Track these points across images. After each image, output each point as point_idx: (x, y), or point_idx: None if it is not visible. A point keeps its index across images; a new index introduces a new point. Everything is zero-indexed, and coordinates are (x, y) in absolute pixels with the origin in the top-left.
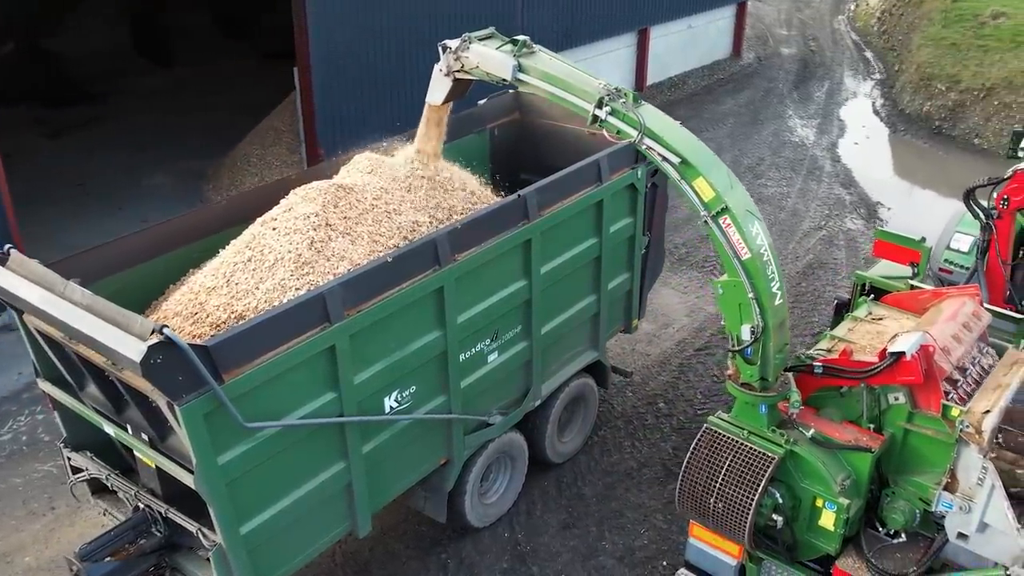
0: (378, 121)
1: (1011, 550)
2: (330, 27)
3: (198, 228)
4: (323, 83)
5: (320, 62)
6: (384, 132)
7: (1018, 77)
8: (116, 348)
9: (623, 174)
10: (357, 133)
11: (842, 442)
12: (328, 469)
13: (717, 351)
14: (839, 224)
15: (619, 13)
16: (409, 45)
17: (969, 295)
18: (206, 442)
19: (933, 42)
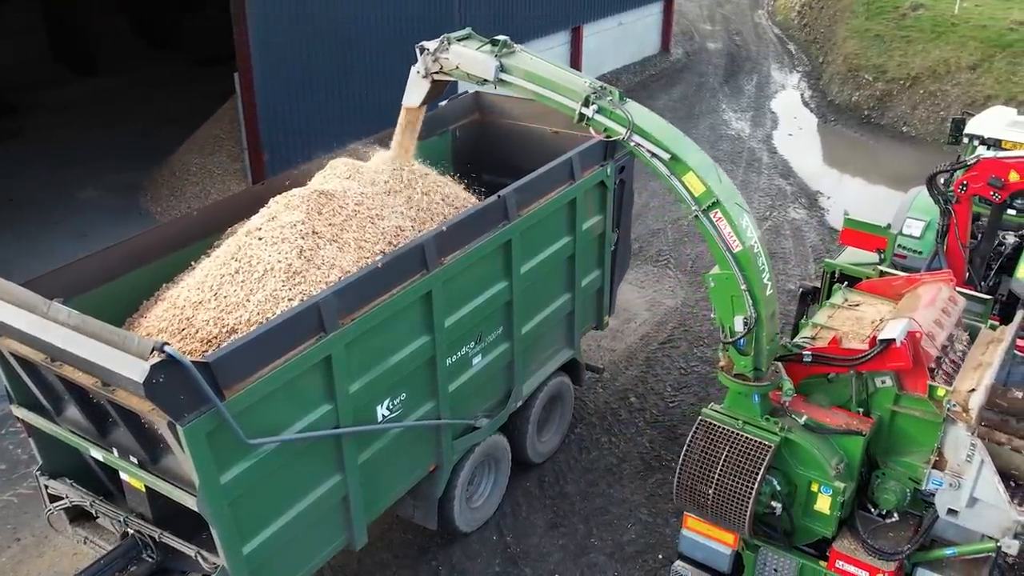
0: (323, 123)
1: (1000, 523)
2: (269, 31)
3: (166, 242)
4: (265, 88)
5: (261, 67)
6: (330, 134)
7: (941, 66)
8: (115, 369)
9: (593, 172)
10: (302, 137)
11: (834, 427)
12: (326, 482)
13: (681, 344)
14: (783, 214)
15: (553, 11)
16: (349, 45)
17: (943, 281)
18: (209, 462)
19: (858, 34)
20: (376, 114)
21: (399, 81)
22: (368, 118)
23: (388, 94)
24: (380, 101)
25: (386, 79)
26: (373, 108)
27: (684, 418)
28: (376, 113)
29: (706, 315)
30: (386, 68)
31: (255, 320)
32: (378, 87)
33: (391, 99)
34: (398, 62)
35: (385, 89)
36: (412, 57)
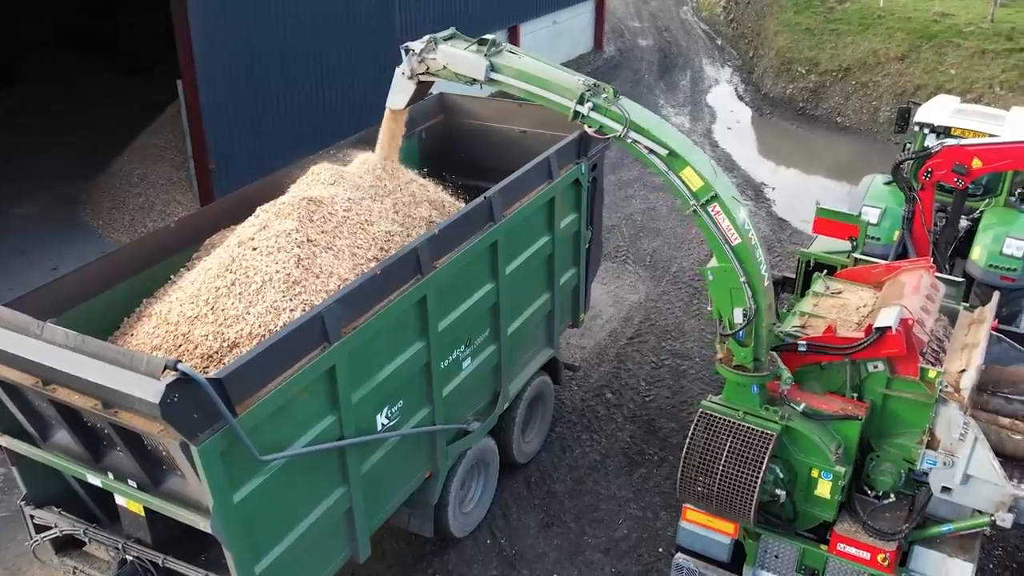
0: (270, 129)
1: (993, 498)
2: (213, 37)
3: (142, 258)
4: (210, 95)
5: (206, 73)
6: (278, 140)
7: (871, 58)
8: (126, 390)
9: (569, 170)
10: (250, 144)
11: (831, 413)
12: (331, 495)
13: (649, 338)
14: None
15: (490, 11)
16: (292, 48)
17: (924, 268)
18: (223, 481)
19: (788, 28)
20: (322, 117)
21: (344, 83)
22: (315, 121)
23: (334, 96)
24: (326, 103)
25: (331, 81)
26: (319, 111)
27: (661, 412)
28: (322, 116)
29: (669, 309)
30: (330, 70)
31: (257, 333)
32: (323, 89)
33: (337, 101)
34: (342, 64)
35: (330, 91)
36: (356, 58)
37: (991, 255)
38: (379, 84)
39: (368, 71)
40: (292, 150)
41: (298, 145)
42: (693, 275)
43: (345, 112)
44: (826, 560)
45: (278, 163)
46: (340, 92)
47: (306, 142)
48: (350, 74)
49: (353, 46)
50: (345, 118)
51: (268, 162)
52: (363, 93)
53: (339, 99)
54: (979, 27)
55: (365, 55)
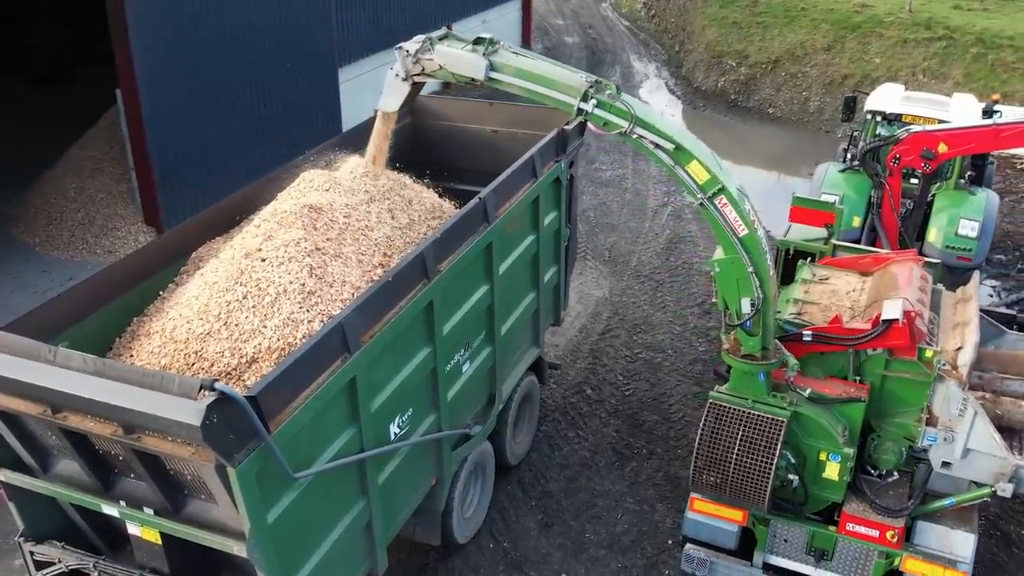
0: (214, 136)
1: (993, 469)
2: (152, 44)
3: (128, 276)
4: (152, 103)
5: (147, 81)
6: (222, 146)
7: (798, 49)
8: (160, 413)
9: (551, 168)
10: (194, 152)
11: (835, 396)
12: (352, 509)
13: (620, 333)
14: (681, 199)
15: (424, 11)
16: (232, 53)
17: (912, 260)
18: (258, 502)
19: (716, 22)
20: (264, 121)
21: (284, 86)
22: (256, 125)
23: (274, 100)
24: (267, 107)
25: (271, 85)
26: (260, 115)
27: (643, 405)
28: (264, 120)
29: (635, 303)
30: (270, 73)
31: (276, 347)
32: (264, 93)
33: (278, 105)
34: (281, 67)
35: (271, 95)
36: (295, 62)
37: (947, 236)
38: (318, 86)
39: (307, 74)
40: (234, 157)
41: (240, 152)
42: (653, 269)
43: (286, 115)
44: (835, 540)
45: (222, 172)
46: (281, 95)
47: (248, 148)
48: (290, 77)
49: (291, 49)
50: (287, 121)
51: (212, 171)
52: (304, 96)
53: (280, 102)
54: (898, 17)
55: (304, 58)
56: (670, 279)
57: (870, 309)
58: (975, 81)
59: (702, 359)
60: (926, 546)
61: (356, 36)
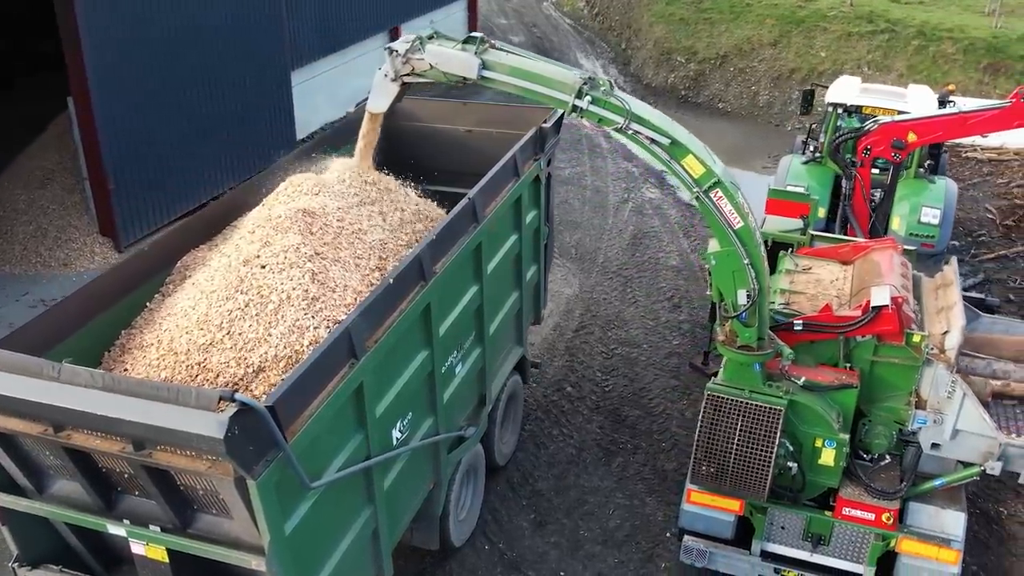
0: (168, 143)
1: (980, 449)
2: (105, 51)
3: (118, 287)
4: (106, 111)
5: (100, 88)
6: (176, 153)
7: (745, 44)
8: (178, 427)
9: (531, 167)
10: (149, 160)
11: (828, 384)
12: (360, 517)
13: (594, 329)
14: (640, 195)
15: (373, 13)
16: (184, 58)
17: (891, 247)
18: (277, 515)
19: (663, 19)
20: (217, 127)
21: (235, 91)
22: (209, 131)
23: (226, 105)
24: (220, 113)
25: (222, 90)
26: (213, 120)
27: (623, 400)
28: (216, 125)
29: (606, 299)
30: (220, 78)
31: (283, 355)
32: (215, 98)
33: (230, 110)
34: (232, 72)
35: (222, 100)
36: (246, 66)
37: (910, 224)
38: (271, 90)
39: (261, 77)
40: (190, 163)
41: (196, 157)
42: (620, 265)
43: (241, 120)
44: (832, 525)
45: (178, 178)
46: (235, 99)
47: (204, 153)
48: (243, 81)
49: (244, 53)
50: (241, 126)
51: (168, 178)
52: (258, 99)
53: (234, 107)
54: (840, 11)
55: (257, 61)
56: (638, 275)
57: (857, 297)
58: (918, 73)
59: (677, 353)
60: (919, 526)
61: (307, 39)
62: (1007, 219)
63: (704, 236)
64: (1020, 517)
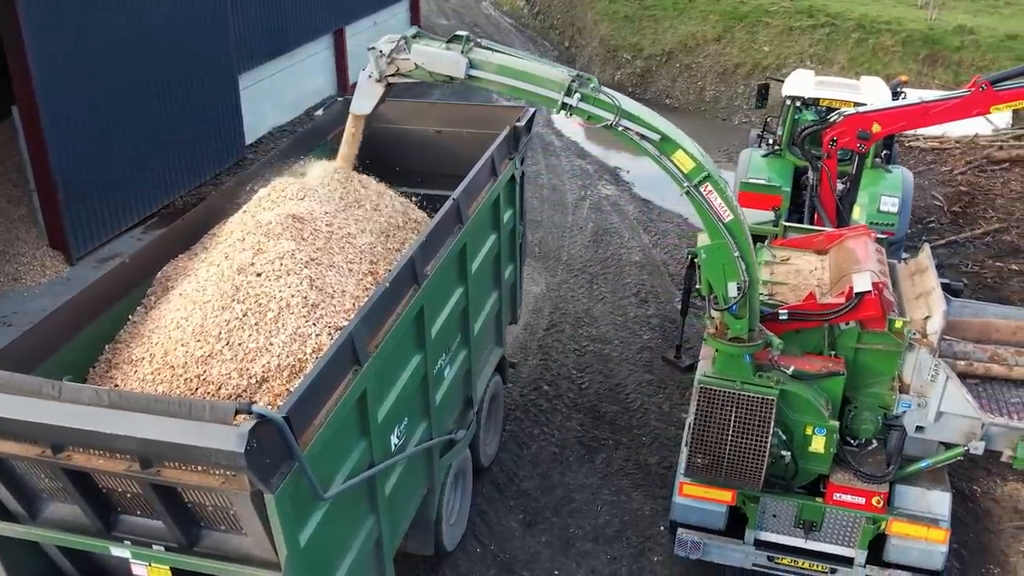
0: (117, 151)
1: (963, 429)
2: (51, 58)
3: (101, 300)
4: (53, 120)
5: (48, 98)
6: (126, 161)
7: (690, 40)
8: (198, 443)
9: (507, 167)
10: (99, 170)
11: (815, 372)
12: (365, 526)
13: (564, 327)
14: (597, 192)
15: (319, 15)
16: (132, 63)
17: (864, 235)
18: (293, 528)
19: (608, 17)
20: (167, 131)
21: (183, 94)
22: (159, 136)
23: (175, 108)
24: (168, 117)
25: (170, 93)
26: (162, 125)
27: (600, 397)
28: (167, 130)
29: (574, 296)
30: (169, 82)
31: (286, 364)
32: (164, 102)
33: (178, 114)
34: (180, 75)
35: (170, 103)
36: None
37: (870, 213)
38: (219, 94)
39: (208, 82)
40: (139, 171)
41: (145, 164)
42: (585, 262)
43: (189, 125)
44: (823, 511)
45: (128, 186)
46: (183, 104)
47: (153, 160)
48: (191, 85)
49: (192, 57)
50: (190, 131)
51: (117, 187)
52: (206, 104)
53: (183, 112)
54: (781, 6)
55: (204, 65)
56: (603, 271)
57: (838, 284)
58: (859, 65)
59: (649, 347)
60: (907, 508)
61: (253, 42)
62: (954, 206)
63: (663, 231)
64: (993, 494)
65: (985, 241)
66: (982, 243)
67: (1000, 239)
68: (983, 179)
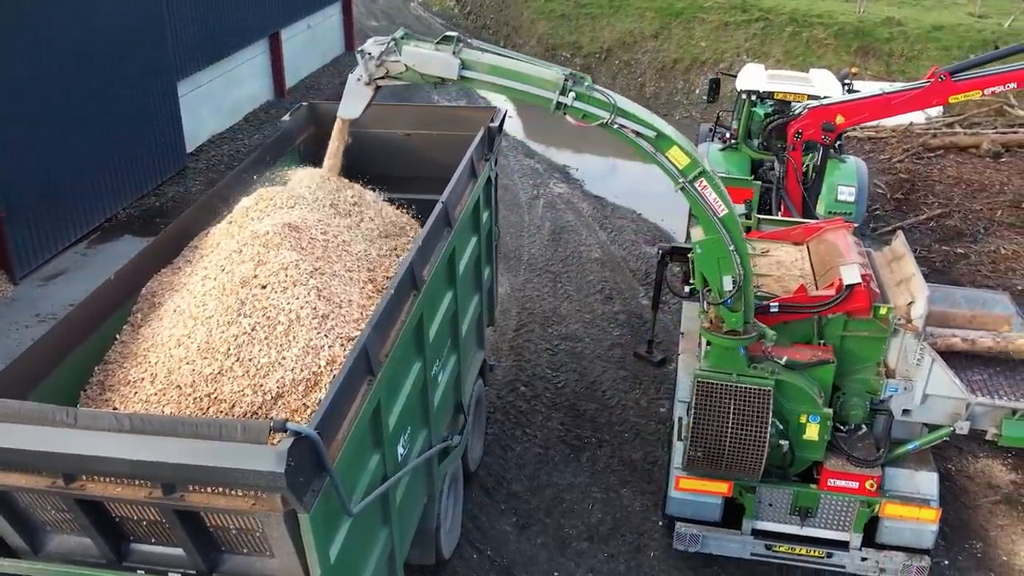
0: (59, 162)
1: (948, 411)
2: None
3: (90, 320)
4: None
5: None
6: (68, 172)
7: (628, 37)
8: (235, 465)
9: (484, 168)
10: (40, 183)
11: (807, 361)
12: (380, 539)
13: (534, 327)
14: (549, 190)
15: (254, 19)
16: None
17: (842, 226)
18: (324, 547)
19: (544, 15)
20: (106, 139)
21: (124, 102)
22: (100, 144)
23: (116, 117)
24: (109, 125)
25: (110, 101)
26: (103, 133)
27: (578, 395)
28: (106, 138)
29: (539, 296)
30: (109, 90)
31: (300, 378)
32: (106, 113)
33: (119, 122)
34: (119, 82)
35: (112, 111)
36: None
37: (828, 203)
38: (159, 102)
39: (145, 89)
40: (80, 185)
41: (87, 177)
42: (546, 261)
43: (128, 134)
44: (818, 498)
45: (71, 200)
46: (120, 113)
47: (94, 172)
48: (129, 93)
49: (128, 64)
50: (130, 141)
51: (60, 201)
52: (146, 113)
53: (121, 121)
54: (716, 2)
55: (141, 72)
56: (564, 270)
57: (826, 276)
58: (794, 58)
59: (619, 344)
60: (896, 490)
61: (190, 48)
62: (896, 193)
63: (620, 227)
64: (967, 471)
65: (929, 226)
66: (927, 228)
67: (944, 224)
68: (921, 166)
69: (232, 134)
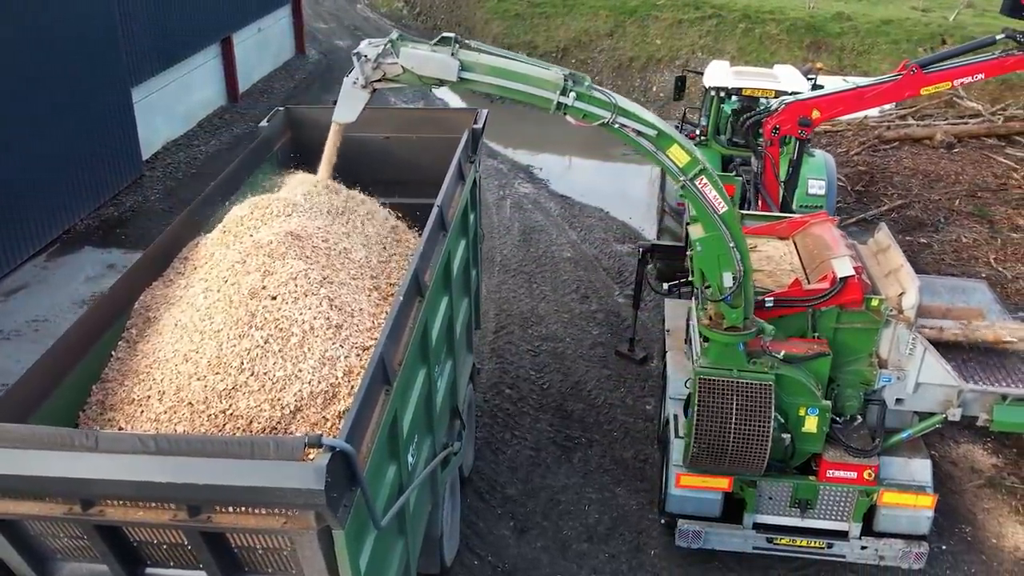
0: (16, 173)
1: (940, 399)
2: None
3: (86, 339)
4: None
5: None
6: (25, 183)
7: (583, 36)
8: (273, 483)
9: (470, 171)
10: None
11: (804, 355)
12: (398, 550)
13: (513, 328)
14: (514, 190)
15: (206, 23)
16: (28, 77)
17: (827, 220)
18: (356, 561)
19: (498, 15)
20: (66, 153)
21: (80, 109)
22: (56, 152)
23: (67, 125)
24: (68, 139)
25: (63, 111)
26: (62, 150)
27: (564, 396)
28: (66, 153)
29: (516, 297)
30: (62, 98)
31: (319, 391)
32: (62, 124)
33: (77, 134)
34: (73, 88)
35: (63, 121)
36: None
37: (799, 197)
38: (111, 110)
39: (99, 96)
40: (37, 196)
41: (42, 189)
42: (519, 262)
43: (83, 142)
44: (818, 489)
45: (29, 213)
46: (75, 121)
47: (49, 184)
48: (82, 101)
49: (81, 71)
50: (84, 149)
51: (18, 215)
52: (98, 119)
53: (75, 129)
54: None
55: (94, 76)
56: (538, 270)
57: (817, 270)
58: (748, 54)
59: (600, 343)
60: (891, 478)
61: (142, 53)
62: (856, 185)
63: (589, 226)
64: (950, 457)
65: (892, 217)
66: (889, 219)
67: (905, 215)
68: (878, 158)
69: (187, 140)
